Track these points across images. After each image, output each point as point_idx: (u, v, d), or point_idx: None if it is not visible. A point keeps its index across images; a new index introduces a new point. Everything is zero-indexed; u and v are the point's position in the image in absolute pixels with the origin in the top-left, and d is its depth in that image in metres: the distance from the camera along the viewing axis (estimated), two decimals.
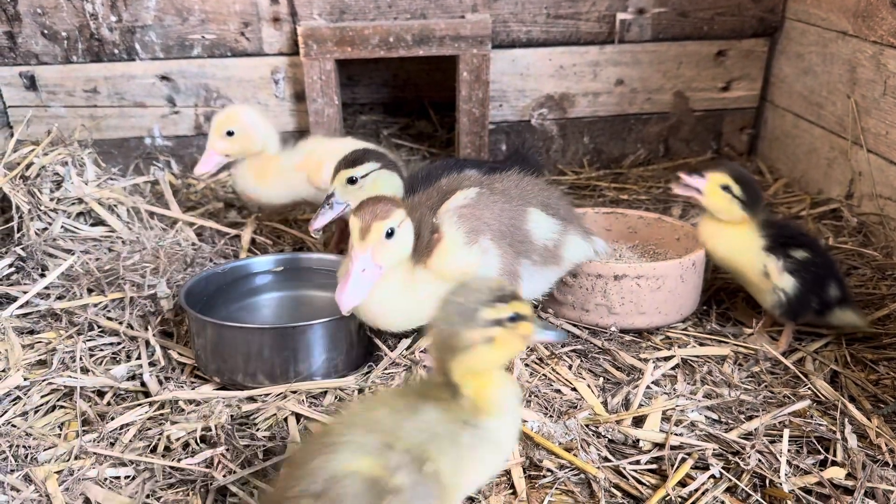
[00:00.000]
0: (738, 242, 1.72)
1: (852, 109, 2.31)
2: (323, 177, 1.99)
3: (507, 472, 1.33)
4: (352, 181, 1.70)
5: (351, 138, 2.26)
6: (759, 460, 1.34)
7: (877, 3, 2.18)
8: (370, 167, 1.72)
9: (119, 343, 1.71)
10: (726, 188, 1.69)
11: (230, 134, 2.01)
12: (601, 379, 1.61)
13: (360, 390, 1.55)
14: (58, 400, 1.54)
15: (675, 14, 2.64)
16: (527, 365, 1.63)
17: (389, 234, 1.43)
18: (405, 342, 1.67)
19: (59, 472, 1.33)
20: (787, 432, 1.40)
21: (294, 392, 1.53)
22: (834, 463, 1.35)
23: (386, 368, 1.61)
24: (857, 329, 1.72)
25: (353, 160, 1.72)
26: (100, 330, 1.75)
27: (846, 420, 1.45)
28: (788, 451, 1.36)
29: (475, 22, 2.43)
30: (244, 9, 2.48)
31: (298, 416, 1.47)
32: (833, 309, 1.68)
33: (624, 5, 2.60)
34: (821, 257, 1.68)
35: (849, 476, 1.32)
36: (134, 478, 1.34)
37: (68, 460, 1.36)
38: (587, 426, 1.44)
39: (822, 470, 1.33)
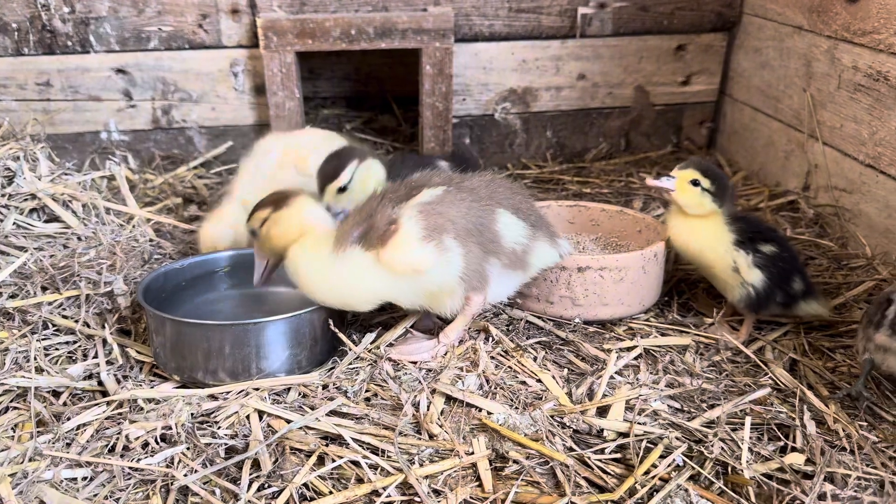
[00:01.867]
0: (708, 237, 1.73)
1: (808, 103, 2.35)
2: (310, 164, 1.98)
3: (473, 465, 1.33)
4: (342, 190, 1.73)
5: (309, 127, 2.26)
6: (722, 448, 1.35)
7: None
8: (351, 168, 1.73)
9: (75, 342, 1.67)
10: (695, 182, 1.71)
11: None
12: (566, 370, 1.61)
13: (325, 386, 1.53)
14: (11, 401, 1.49)
15: (636, 8, 2.66)
16: (492, 357, 1.62)
17: (253, 233, 1.60)
18: (370, 336, 1.66)
19: (12, 476, 1.29)
20: (748, 420, 1.42)
21: (256, 389, 1.51)
22: (794, 449, 1.37)
23: (350, 363, 1.60)
24: (820, 318, 1.75)
25: (333, 172, 1.73)
26: (55, 328, 1.70)
27: (805, 407, 1.48)
28: (750, 438, 1.38)
29: (437, 15, 2.42)
30: (202, 0, 2.43)
31: (261, 414, 1.44)
32: (798, 302, 1.71)
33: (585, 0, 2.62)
34: (787, 251, 1.71)
35: (808, 461, 1.34)
36: (92, 479, 1.30)
37: (22, 462, 1.32)
38: (552, 417, 1.44)
39: (782, 456, 1.35)
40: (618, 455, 1.37)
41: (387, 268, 1.50)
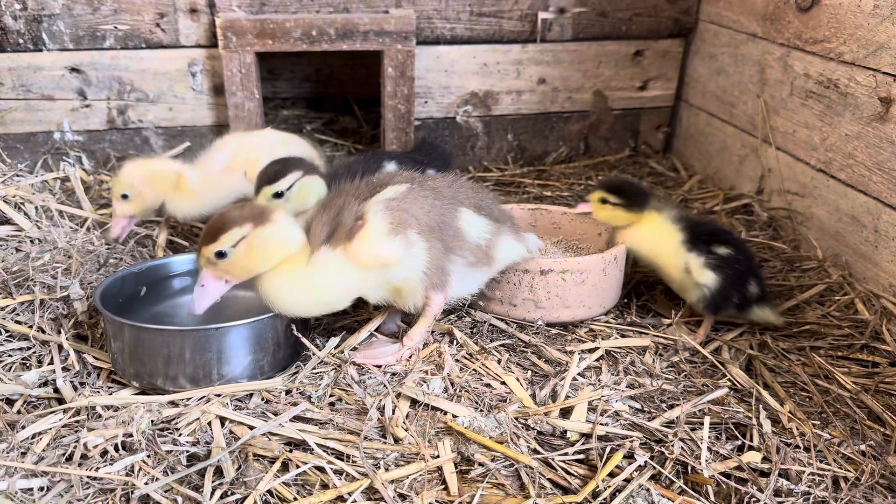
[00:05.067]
0: (657, 240, 1.78)
1: (762, 109, 2.41)
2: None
3: (439, 469, 1.33)
4: (278, 196, 1.69)
5: (270, 129, 2.22)
6: (682, 448, 1.38)
7: (784, 7, 2.29)
8: (293, 177, 1.70)
9: (29, 348, 1.62)
10: (604, 201, 1.81)
11: (125, 197, 1.93)
12: (529, 372, 1.63)
13: (288, 391, 1.52)
14: None
15: (595, 14, 2.70)
16: (457, 360, 1.63)
17: (220, 255, 1.43)
18: (334, 340, 1.65)
19: None
20: (706, 420, 1.45)
21: (218, 395, 1.49)
22: (751, 448, 1.41)
23: (314, 368, 1.59)
24: (772, 325, 1.80)
25: (274, 175, 1.70)
26: (8, 334, 1.66)
27: (761, 406, 1.52)
28: (708, 437, 1.41)
29: (399, 17, 2.42)
30: None
31: (223, 420, 1.43)
32: (752, 306, 1.75)
33: (545, 4, 2.64)
34: (742, 254, 1.75)
35: (764, 459, 1.38)
36: (49, 489, 1.27)
37: None
38: (517, 419, 1.46)
39: (739, 455, 1.39)
40: (581, 456, 1.39)
41: (355, 261, 1.50)
